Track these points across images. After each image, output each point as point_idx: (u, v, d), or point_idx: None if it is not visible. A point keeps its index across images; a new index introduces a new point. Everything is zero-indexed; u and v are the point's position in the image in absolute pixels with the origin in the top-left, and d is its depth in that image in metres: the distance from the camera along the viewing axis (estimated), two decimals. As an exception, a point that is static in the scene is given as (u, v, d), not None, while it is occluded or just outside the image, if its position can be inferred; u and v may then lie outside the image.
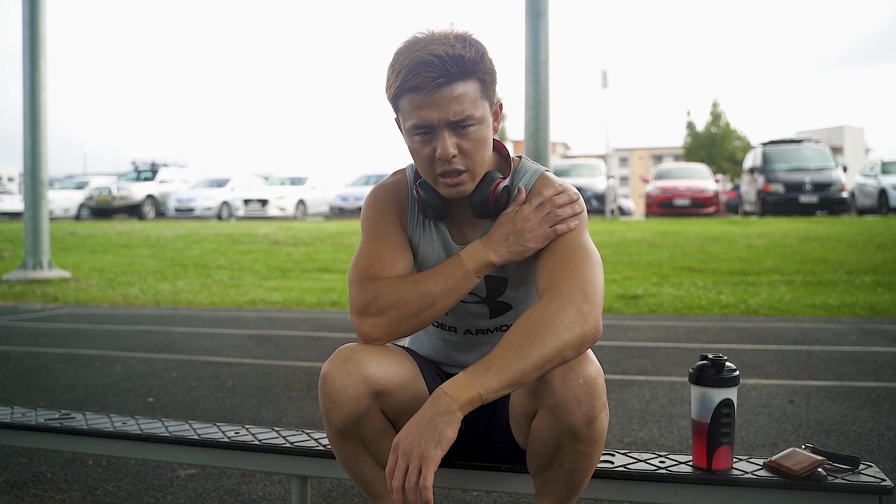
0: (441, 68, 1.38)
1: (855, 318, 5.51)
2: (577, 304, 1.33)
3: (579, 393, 1.33)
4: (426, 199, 1.52)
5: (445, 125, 1.41)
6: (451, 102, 1.40)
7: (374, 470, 1.52)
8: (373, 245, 1.54)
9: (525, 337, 1.30)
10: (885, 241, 10.13)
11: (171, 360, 4.29)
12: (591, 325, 1.33)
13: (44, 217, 8.97)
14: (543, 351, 1.29)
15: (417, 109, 1.41)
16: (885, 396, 3.22)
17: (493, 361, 1.29)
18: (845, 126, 48.06)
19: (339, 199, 20.41)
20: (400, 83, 1.41)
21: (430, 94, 1.39)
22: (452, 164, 1.43)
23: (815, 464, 1.47)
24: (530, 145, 6.62)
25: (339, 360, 1.43)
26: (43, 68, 8.83)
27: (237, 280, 8.67)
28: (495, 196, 1.49)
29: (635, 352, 4.29)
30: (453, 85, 1.39)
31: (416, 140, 1.45)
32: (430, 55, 1.38)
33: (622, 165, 70.34)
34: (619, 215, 22.02)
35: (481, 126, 1.45)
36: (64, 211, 21.24)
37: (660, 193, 17.61)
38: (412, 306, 1.44)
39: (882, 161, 17.14)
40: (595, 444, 1.38)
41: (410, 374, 1.52)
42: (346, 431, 1.45)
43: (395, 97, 1.45)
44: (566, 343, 1.30)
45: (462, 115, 1.41)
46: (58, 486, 2.31)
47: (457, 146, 1.43)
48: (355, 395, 1.41)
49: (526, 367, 1.28)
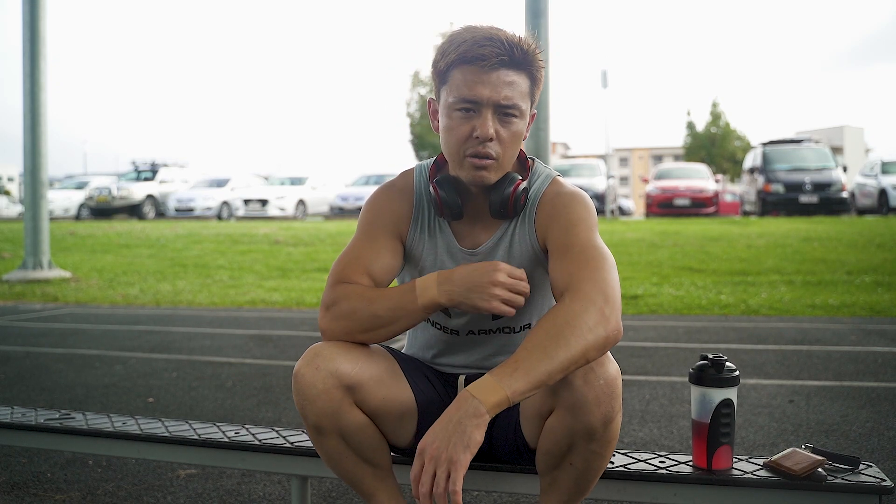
0: (507, 49, 1.40)
1: (855, 318, 5.51)
2: (599, 305, 1.33)
3: (600, 393, 1.33)
4: (444, 198, 1.51)
5: (492, 106, 1.42)
6: (504, 86, 1.41)
7: (360, 467, 1.52)
8: (358, 246, 1.55)
9: (550, 338, 1.29)
10: (885, 241, 10.13)
11: (171, 360, 4.29)
12: (613, 327, 1.33)
13: (44, 217, 8.96)
14: (569, 352, 1.28)
15: (470, 83, 1.42)
16: (885, 396, 3.22)
17: (519, 363, 1.28)
18: (845, 126, 48.08)
19: (339, 199, 20.41)
20: (462, 52, 1.42)
21: (487, 71, 1.41)
22: (486, 148, 1.44)
23: (815, 464, 1.47)
24: (530, 145, 6.60)
25: (308, 357, 1.45)
26: (43, 68, 8.82)
27: (237, 280, 8.67)
28: (515, 197, 1.49)
29: (635, 352, 4.29)
30: (510, 70, 1.42)
31: (456, 116, 1.45)
32: (497, 35, 1.41)
33: (622, 165, 70.33)
34: (619, 215, 22.04)
35: (522, 121, 1.47)
36: (64, 211, 21.25)
37: (660, 193, 17.61)
38: (363, 323, 1.45)
39: (882, 161, 17.15)
40: (609, 445, 1.38)
41: (384, 368, 1.52)
42: (322, 427, 1.46)
43: (449, 67, 1.45)
44: (590, 344, 1.30)
45: (511, 101, 1.42)
46: (58, 486, 2.31)
47: (496, 132, 1.44)
48: (325, 390, 1.42)
49: (552, 369, 1.27)
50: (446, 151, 1.51)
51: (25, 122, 8.80)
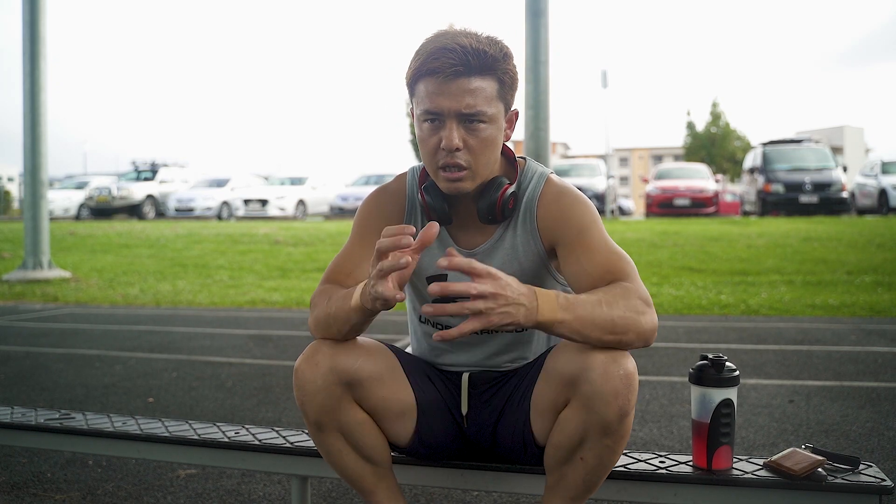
0: (462, 58, 1.39)
1: (855, 318, 5.51)
2: (645, 300, 1.38)
3: (618, 385, 1.33)
4: (430, 204, 1.52)
5: (455, 116, 1.42)
6: (465, 94, 1.40)
7: (360, 464, 1.52)
8: (349, 248, 1.58)
9: (607, 296, 1.35)
10: (885, 241, 10.12)
11: (171, 360, 4.29)
12: (654, 325, 1.38)
13: (44, 217, 8.97)
14: (620, 314, 1.34)
15: (431, 95, 1.42)
16: (885, 396, 3.22)
17: (577, 300, 1.33)
18: (845, 126, 48.08)
19: (339, 199, 20.40)
20: (419, 66, 1.42)
21: (445, 82, 1.40)
22: (455, 158, 1.43)
23: (815, 464, 1.47)
24: (530, 145, 6.61)
25: (308, 353, 1.47)
26: (43, 68, 8.82)
27: (237, 280, 8.67)
28: (503, 202, 1.49)
29: (635, 352, 4.27)
30: (471, 77, 1.41)
31: (425, 128, 1.45)
32: (454, 44, 1.40)
33: (622, 165, 70.33)
34: (619, 215, 22.04)
35: (492, 126, 1.45)
36: (64, 211, 21.24)
37: (660, 193, 17.60)
38: (323, 321, 1.48)
39: (882, 161, 17.14)
40: (621, 441, 1.38)
41: (385, 367, 1.53)
42: (322, 424, 1.47)
43: (413, 81, 1.45)
44: (634, 324, 1.35)
45: (473, 108, 1.41)
46: (58, 486, 2.31)
47: (463, 140, 1.43)
48: (325, 386, 1.43)
49: (601, 318, 1.32)
50: (423, 162, 1.52)
51: (25, 122, 8.80)
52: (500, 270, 1.30)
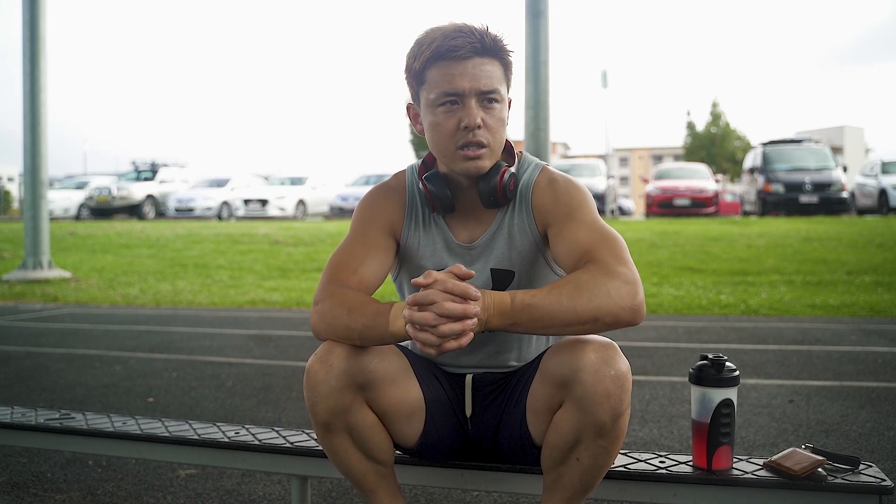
0: (478, 38, 1.44)
1: (855, 318, 5.51)
2: (624, 277, 1.36)
3: (610, 385, 1.33)
4: (434, 192, 1.53)
5: (475, 94, 1.45)
6: (482, 74, 1.45)
7: (364, 464, 1.52)
8: (351, 244, 1.57)
9: (570, 288, 1.34)
10: (885, 241, 10.12)
11: (171, 360, 4.29)
12: (638, 300, 1.34)
13: (44, 217, 8.97)
14: (584, 305, 1.32)
15: (448, 77, 1.44)
16: (885, 396, 3.22)
17: (535, 294, 1.34)
18: (845, 126, 48.09)
19: (339, 199, 20.41)
20: (434, 50, 1.44)
21: (463, 61, 1.44)
22: (476, 136, 1.46)
23: (815, 464, 1.47)
24: (530, 145, 6.61)
25: (321, 354, 1.44)
26: (43, 68, 8.83)
27: (237, 280, 8.67)
28: (504, 183, 1.51)
29: (635, 352, 4.29)
30: (484, 57, 1.45)
31: (441, 112, 1.47)
32: (465, 27, 1.45)
33: (622, 165, 70.32)
34: (619, 215, 22.04)
35: (503, 106, 1.50)
36: (64, 211, 21.23)
37: (660, 193, 17.59)
38: (339, 331, 1.44)
39: (882, 161, 17.14)
40: (616, 441, 1.38)
41: (397, 369, 1.52)
42: (331, 425, 1.45)
43: (424, 67, 1.47)
44: (606, 307, 1.32)
45: (491, 87, 1.46)
46: (58, 486, 2.31)
47: (482, 119, 1.46)
48: (338, 388, 1.42)
49: (561, 310, 1.32)
50: (436, 149, 1.52)
51: (25, 122, 8.80)
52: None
